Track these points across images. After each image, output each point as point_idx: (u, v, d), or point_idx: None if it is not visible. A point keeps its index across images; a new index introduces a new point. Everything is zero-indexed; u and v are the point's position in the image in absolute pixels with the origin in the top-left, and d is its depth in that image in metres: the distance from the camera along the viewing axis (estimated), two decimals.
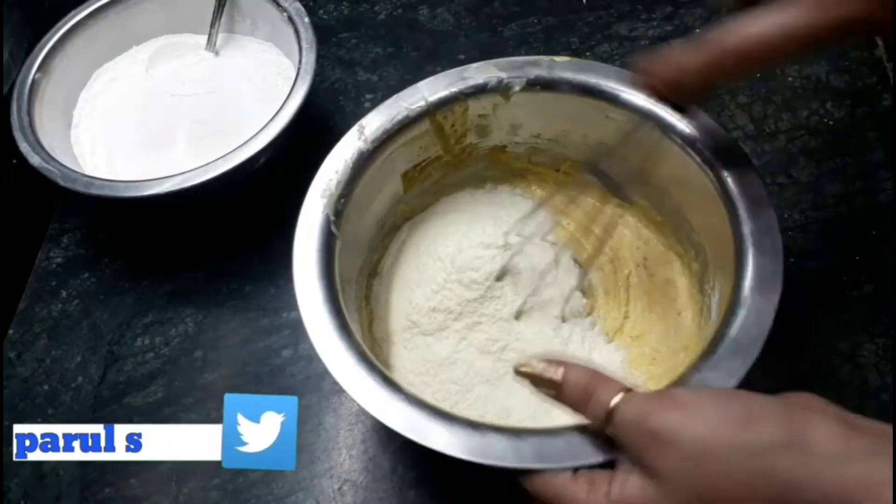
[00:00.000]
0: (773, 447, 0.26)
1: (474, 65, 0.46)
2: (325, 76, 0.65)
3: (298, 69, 0.53)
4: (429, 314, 0.46)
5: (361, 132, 0.44)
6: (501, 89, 0.45)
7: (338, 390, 0.49)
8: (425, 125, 0.46)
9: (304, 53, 0.54)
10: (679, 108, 0.40)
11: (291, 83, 0.52)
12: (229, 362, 0.50)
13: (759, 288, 0.36)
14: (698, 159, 0.41)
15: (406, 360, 0.45)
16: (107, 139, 0.56)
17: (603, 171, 0.43)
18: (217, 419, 0.48)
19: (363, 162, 0.44)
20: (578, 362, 0.33)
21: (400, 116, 0.45)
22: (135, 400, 0.49)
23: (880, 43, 0.63)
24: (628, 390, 0.30)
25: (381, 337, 0.46)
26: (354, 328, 0.39)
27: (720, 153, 0.40)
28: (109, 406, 0.49)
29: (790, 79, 0.62)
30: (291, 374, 0.50)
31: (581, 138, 0.48)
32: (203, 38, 0.61)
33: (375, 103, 0.45)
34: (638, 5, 0.68)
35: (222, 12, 0.60)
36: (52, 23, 0.57)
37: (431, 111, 0.45)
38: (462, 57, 0.65)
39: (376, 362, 0.37)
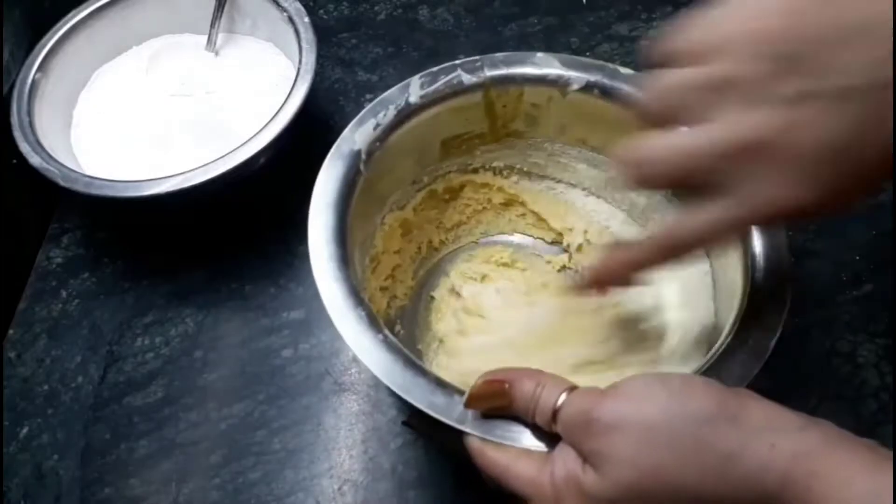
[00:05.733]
0: (711, 418, 0.27)
1: (539, 53, 0.46)
2: (325, 76, 0.65)
3: (298, 69, 0.53)
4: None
5: (415, 86, 0.44)
6: (560, 84, 0.45)
7: (337, 390, 0.49)
8: (478, 97, 0.46)
9: (304, 53, 0.54)
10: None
11: (291, 83, 0.53)
12: (229, 362, 0.50)
13: (755, 336, 0.36)
14: None
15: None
16: (107, 139, 0.56)
17: None
18: (217, 419, 0.48)
19: (408, 114, 0.44)
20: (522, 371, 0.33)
21: (455, 81, 0.45)
22: (135, 400, 0.49)
23: None
24: (572, 389, 0.31)
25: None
26: (355, 263, 0.39)
27: None
28: (109, 406, 0.49)
29: None
30: (291, 374, 0.50)
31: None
32: (203, 38, 0.61)
33: None
34: (638, 5, 0.68)
35: (222, 12, 0.60)
36: (53, 23, 0.57)
37: (487, 85, 0.45)
38: (462, 57, 0.65)
39: (365, 300, 0.37)
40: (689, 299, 0.46)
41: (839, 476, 0.25)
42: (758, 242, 0.39)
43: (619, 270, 0.35)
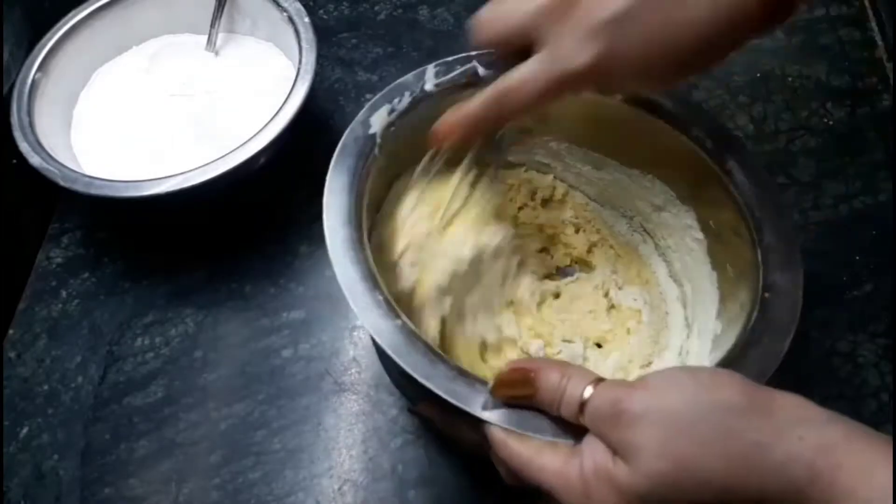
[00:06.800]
0: (741, 409, 0.28)
1: None
2: (325, 76, 0.65)
3: (298, 69, 0.53)
4: None
5: (430, 73, 0.44)
6: None
7: (337, 390, 0.49)
8: None
9: (304, 53, 0.54)
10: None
11: (291, 83, 0.53)
12: (229, 362, 0.50)
13: (771, 336, 0.36)
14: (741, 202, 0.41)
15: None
16: (107, 139, 0.56)
17: None
18: (217, 419, 0.48)
19: (422, 101, 0.44)
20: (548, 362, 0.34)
21: (470, 72, 0.44)
22: (135, 400, 0.49)
23: (880, 43, 0.63)
24: (599, 381, 0.31)
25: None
26: (371, 246, 0.39)
27: (759, 197, 0.41)
28: (109, 406, 0.49)
29: (790, 79, 0.62)
30: (291, 374, 0.50)
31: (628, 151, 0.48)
32: (203, 38, 0.61)
33: None
34: None
35: (222, 12, 0.60)
36: (53, 22, 0.57)
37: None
38: None
39: (382, 285, 0.36)
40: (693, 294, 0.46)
41: (863, 468, 0.26)
42: (770, 240, 0.39)
43: (459, 125, 0.39)
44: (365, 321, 0.35)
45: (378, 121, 0.42)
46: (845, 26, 0.64)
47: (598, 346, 0.47)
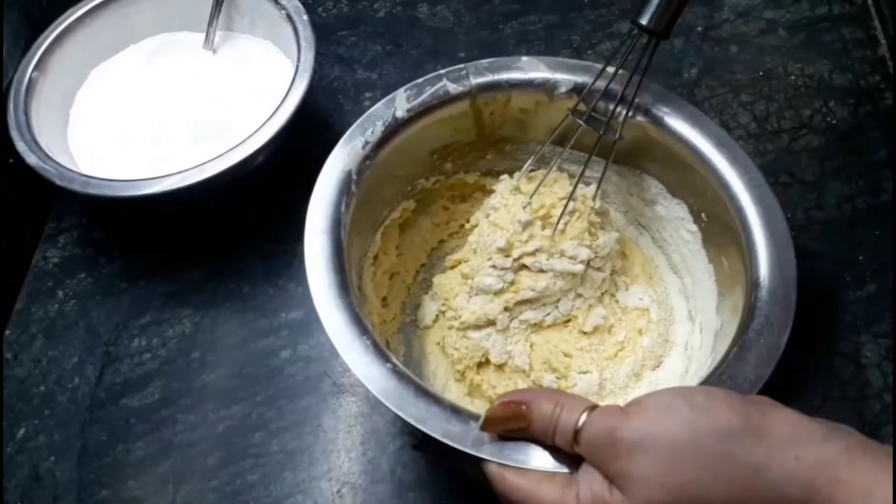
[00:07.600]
0: (736, 432, 0.27)
1: (524, 57, 0.45)
2: (324, 74, 0.64)
3: (297, 67, 0.53)
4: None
5: (401, 99, 0.44)
6: (547, 88, 0.45)
7: (336, 392, 0.49)
8: (465, 106, 0.45)
9: (302, 51, 0.54)
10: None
11: (290, 81, 0.52)
12: (227, 363, 0.50)
13: (767, 333, 0.36)
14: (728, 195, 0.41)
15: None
16: (104, 138, 0.56)
17: None
18: (215, 421, 0.48)
19: (395, 129, 0.43)
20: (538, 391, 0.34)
21: (441, 91, 0.44)
22: (132, 401, 0.49)
23: (883, 42, 0.63)
24: (593, 408, 0.30)
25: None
26: (354, 286, 0.39)
27: (752, 191, 0.40)
28: (106, 407, 0.49)
29: (793, 77, 0.62)
30: (290, 374, 0.49)
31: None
32: (201, 37, 0.60)
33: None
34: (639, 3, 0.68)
35: (220, 10, 0.59)
36: (50, 21, 0.56)
37: (473, 93, 0.45)
38: (462, 55, 0.65)
39: (368, 325, 0.37)
40: (694, 301, 0.46)
41: (862, 484, 0.26)
42: (760, 241, 0.39)
43: None
44: (355, 369, 0.35)
45: (352, 157, 0.42)
46: (848, 25, 0.64)
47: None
